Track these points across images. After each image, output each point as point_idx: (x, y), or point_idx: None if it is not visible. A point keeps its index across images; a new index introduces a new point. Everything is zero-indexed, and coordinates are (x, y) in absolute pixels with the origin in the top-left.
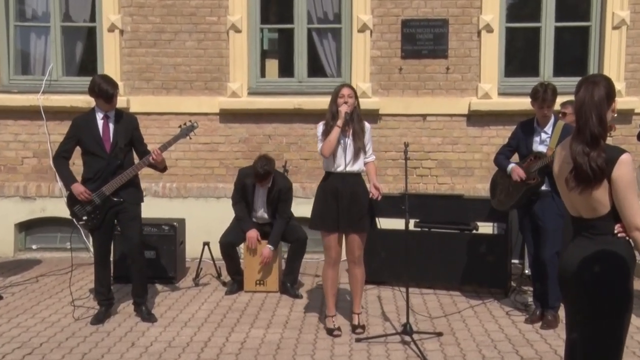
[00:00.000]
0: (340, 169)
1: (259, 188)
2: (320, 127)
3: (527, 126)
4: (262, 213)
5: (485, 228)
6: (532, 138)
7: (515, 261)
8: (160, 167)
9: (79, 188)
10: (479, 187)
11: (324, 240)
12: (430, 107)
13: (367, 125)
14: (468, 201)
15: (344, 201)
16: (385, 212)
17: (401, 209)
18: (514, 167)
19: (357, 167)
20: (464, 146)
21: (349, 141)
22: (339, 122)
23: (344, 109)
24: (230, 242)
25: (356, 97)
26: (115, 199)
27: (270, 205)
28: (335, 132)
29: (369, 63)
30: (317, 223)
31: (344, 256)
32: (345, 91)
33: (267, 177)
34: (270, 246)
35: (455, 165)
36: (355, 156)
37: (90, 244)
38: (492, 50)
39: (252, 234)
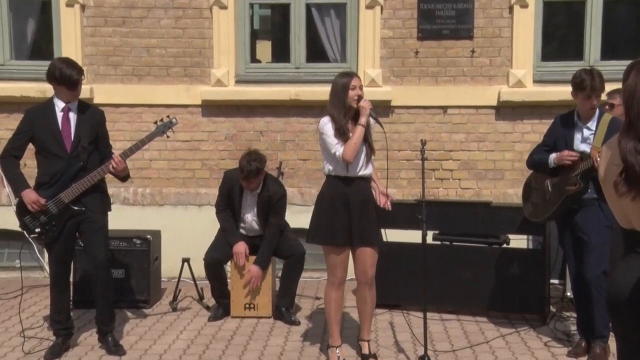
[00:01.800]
0: (353, 173)
1: (247, 193)
2: (327, 126)
3: (566, 121)
4: (251, 223)
5: (518, 242)
6: (572, 135)
7: (555, 282)
8: (121, 175)
9: (31, 195)
10: (510, 193)
11: (329, 257)
12: (452, 97)
13: (370, 120)
14: (497, 209)
15: (355, 210)
16: (398, 222)
17: (417, 218)
18: (556, 155)
19: (369, 170)
20: (492, 144)
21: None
22: (363, 121)
23: (367, 105)
24: (216, 259)
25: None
26: (76, 208)
27: (261, 213)
28: (360, 132)
29: (379, 45)
30: (321, 236)
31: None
32: (356, 82)
33: (256, 177)
34: (257, 266)
35: (482, 167)
36: (368, 157)
37: (45, 261)
38: (526, 29)
39: (240, 248)
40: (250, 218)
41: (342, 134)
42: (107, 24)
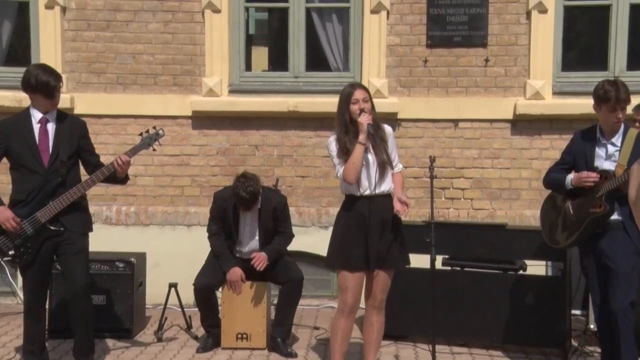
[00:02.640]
0: (367, 191)
1: (244, 213)
2: (332, 144)
3: (587, 137)
4: (252, 244)
5: (536, 268)
6: (593, 152)
7: (577, 312)
8: (122, 176)
9: (5, 212)
10: (527, 215)
11: (342, 281)
12: (463, 110)
13: (387, 129)
14: (513, 232)
15: (373, 232)
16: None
17: (425, 241)
18: (574, 176)
19: (387, 186)
20: (507, 161)
21: (370, 156)
22: (362, 138)
23: (365, 121)
24: (207, 285)
25: (371, 99)
26: (53, 228)
27: (264, 228)
28: (359, 151)
29: (385, 53)
30: (340, 262)
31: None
32: (359, 94)
33: (255, 201)
34: (264, 253)
35: (496, 186)
36: (382, 172)
37: (18, 286)
38: (545, 37)
39: (235, 274)
40: (250, 238)
41: (344, 153)
42: (90, 28)
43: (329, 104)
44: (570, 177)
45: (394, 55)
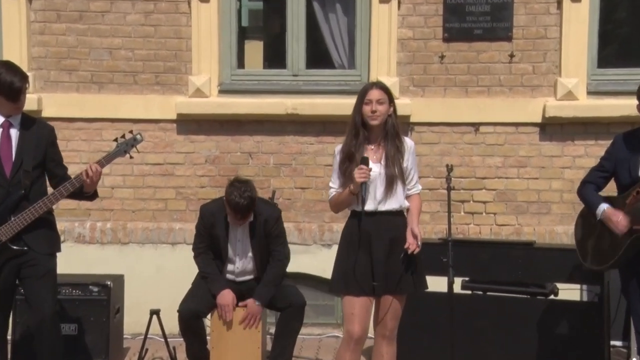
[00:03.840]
0: (369, 207)
1: (235, 228)
2: (335, 158)
3: (630, 141)
4: (244, 263)
5: (569, 292)
6: (637, 160)
7: (617, 343)
8: (91, 190)
9: None
10: (559, 231)
11: (346, 308)
12: (485, 112)
13: (409, 142)
14: (542, 252)
15: (379, 251)
16: None
17: (442, 262)
18: (608, 211)
19: (395, 204)
20: (536, 170)
21: (380, 167)
22: (354, 189)
23: (359, 178)
24: (194, 311)
25: (391, 101)
26: (16, 248)
27: (256, 245)
28: (347, 196)
29: (396, 48)
30: (343, 285)
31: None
32: (375, 94)
33: (250, 210)
34: (257, 301)
35: (523, 198)
36: (389, 188)
37: None
38: (579, 28)
39: (226, 297)
40: (241, 256)
41: (347, 161)
42: (60, 20)
43: (333, 105)
44: (604, 208)
45: (405, 50)
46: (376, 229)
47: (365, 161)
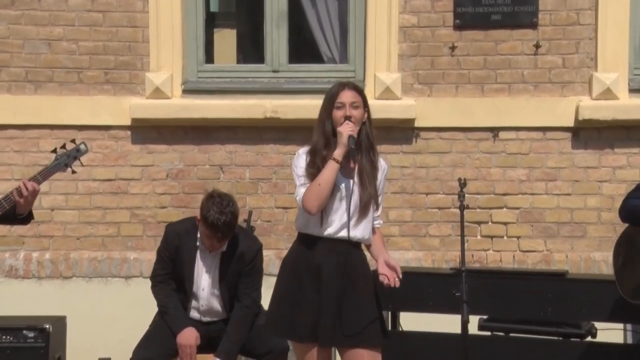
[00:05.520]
0: (336, 232)
1: (205, 255)
2: (300, 158)
3: None
4: (209, 299)
5: (610, 333)
6: None
7: None
8: (25, 212)
9: None
10: (596, 258)
11: (297, 355)
12: (505, 114)
13: (382, 162)
14: (576, 283)
15: (332, 290)
16: (424, 301)
17: (454, 296)
18: None
19: (364, 232)
20: (567, 184)
21: (354, 185)
22: (337, 154)
23: (346, 131)
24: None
25: (365, 105)
26: None
27: (225, 282)
28: (331, 169)
29: (397, 38)
30: (279, 324)
31: None
32: (348, 96)
33: (232, 230)
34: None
35: (553, 219)
36: (362, 212)
37: None
38: (619, 13)
39: (189, 337)
40: (207, 292)
41: (314, 169)
42: None
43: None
44: None
45: (409, 40)
46: (329, 261)
47: (353, 151)
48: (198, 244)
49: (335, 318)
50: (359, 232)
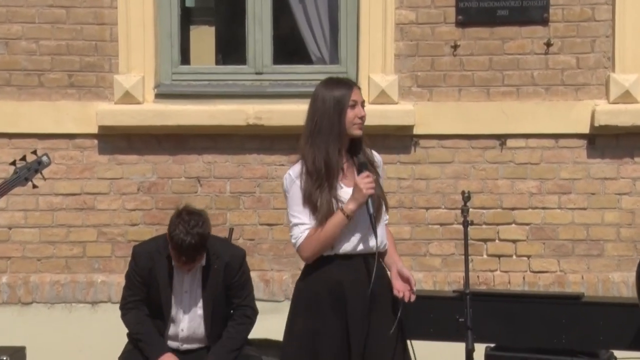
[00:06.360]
0: (359, 246)
1: (180, 274)
2: (294, 185)
3: None
4: (192, 325)
5: None
6: None
7: None
8: None
9: None
10: (616, 279)
11: None
12: (513, 120)
13: (377, 157)
14: (594, 308)
15: (357, 313)
16: (426, 328)
17: (458, 322)
18: None
19: (382, 237)
20: (583, 197)
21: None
22: (350, 209)
23: (367, 188)
24: None
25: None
26: None
27: (212, 302)
28: (339, 225)
29: (394, 36)
30: (297, 357)
31: None
32: (358, 94)
33: (200, 252)
34: None
35: (567, 236)
36: (377, 218)
37: None
38: (638, 8)
39: None
40: (189, 314)
41: (314, 200)
42: None
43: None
44: None
45: (406, 38)
46: (351, 279)
47: (364, 166)
48: (174, 263)
49: (368, 348)
50: (373, 242)
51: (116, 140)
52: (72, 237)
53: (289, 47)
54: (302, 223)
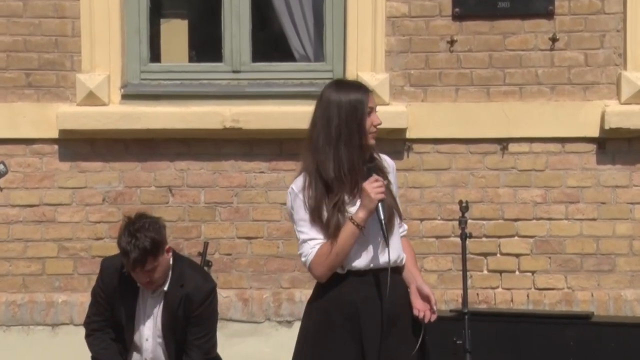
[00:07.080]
0: (372, 263)
1: (146, 296)
2: (297, 199)
3: None
4: (154, 352)
5: None
6: None
7: None
8: None
9: None
10: (628, 297)
11: None
12: (516, 122)
13: (389, 161)
14: (604, 328)
15: (373, 335)
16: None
17: (455, 344)
18: None
19: (398, 251)
20: (592, 207)
21: (378, 204)
22: (361, 218)
23: (375, 194)
24: None
25: None
26: None
27: (170, 330)
28: (352, 236)
29: (384, 31)
30: None
31: None
32: (373, 100)
33: (153, 260)
34: None
35: (575, 249)
36: (390, 229)
37: None
38: None
39: None
40: (152, 342)
41: (320, 215)
42: None
43: (292, 115)
44: None
45: (398, 33)
46: (366, 298)
47: (373, 169)
48: (134, 277)
49: None
50: (393, 253)
51: (79, 145)
52: (30, 252)
53: (269, 43)
54: (312, 238)
